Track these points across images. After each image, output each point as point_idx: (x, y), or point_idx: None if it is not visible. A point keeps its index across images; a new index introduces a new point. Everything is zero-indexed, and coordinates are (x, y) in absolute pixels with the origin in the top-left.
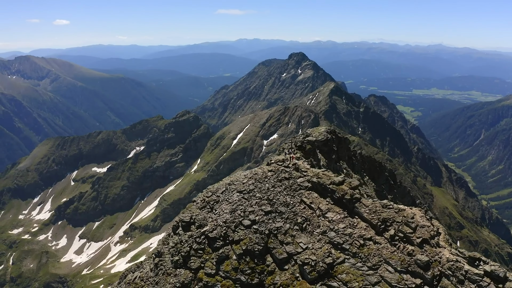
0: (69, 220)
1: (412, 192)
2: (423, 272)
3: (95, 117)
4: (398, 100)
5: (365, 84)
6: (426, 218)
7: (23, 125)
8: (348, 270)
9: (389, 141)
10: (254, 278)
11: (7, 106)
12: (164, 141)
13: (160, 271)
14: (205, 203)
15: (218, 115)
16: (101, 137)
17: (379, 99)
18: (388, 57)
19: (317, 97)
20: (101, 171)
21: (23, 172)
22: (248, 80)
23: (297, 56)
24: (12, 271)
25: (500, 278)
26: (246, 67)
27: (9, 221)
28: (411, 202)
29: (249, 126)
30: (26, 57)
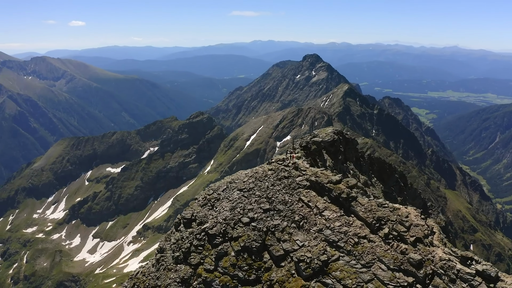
0: (82, 220)
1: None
2: (415, 270)
3: (110, 117)
4: (413, 102)
5: (380, 86)
6: (420, 217)
7: (39, 125)
8: (342, 267)
9: (403, 144)
10: (251, 274)
11: (23, 106)
12: (177, 142)
13: (161, 266)
14: (206, 201)
15: (232, 116)
16: (116, 137)
17: (394, 101)
18: (403, 59)
19: (330, 99)
20: (115, 171)
21: (38, 172)
22: (262, 82)
23: (311, 58)
24: (26, 270)
25: (491, 278)
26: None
27: (23, 220)
28: (422, 204)
29: (263, 127)
30: (42, 58)
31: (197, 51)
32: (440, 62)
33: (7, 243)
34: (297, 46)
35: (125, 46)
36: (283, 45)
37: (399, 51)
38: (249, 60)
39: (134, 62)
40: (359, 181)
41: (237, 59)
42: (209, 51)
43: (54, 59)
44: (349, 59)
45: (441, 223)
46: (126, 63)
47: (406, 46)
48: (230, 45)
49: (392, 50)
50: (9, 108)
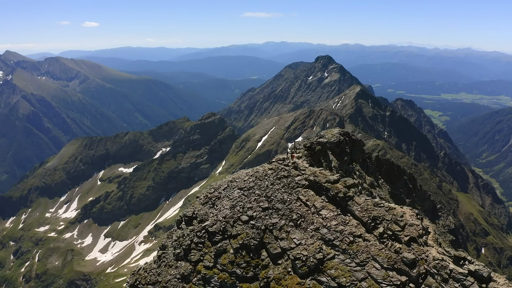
0: (94, 219)
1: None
2: (408, 269)
3: (123, 118)
4: (426, 104)
5: (393, 87)
6: (416, 217)
7: (52, 125)
8: (337, 265)
9: (415, 146)
10: (249, 271)
11: (37, 106)
12: (189, 142)
13: (162, 263)
14: (207, 199)
15: (244, 117)
16: (128, 137)
17: (406, 103)
18: (416, 61)
19: (342, 100)
20: (127, 171)
21: (50, 171)
22: (274, 83)
23: (323, 59)
24: (38, 268)
25: (483, 278)
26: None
27: (36, 219)
28: (431, 207)
29: (274, 128)
30: (55, 59)
31: (210, 52)
32: (454, 64)
33: (20, 241)
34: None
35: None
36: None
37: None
38: (262, 61)
39: (147, 63)
40: (365, 182)
41: (250, 60)
42: (222, 52)
43: (68, 60)
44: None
45: (450, 225)
46: (139, 64)
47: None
48: (243, 46)
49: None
50: (23, 108)
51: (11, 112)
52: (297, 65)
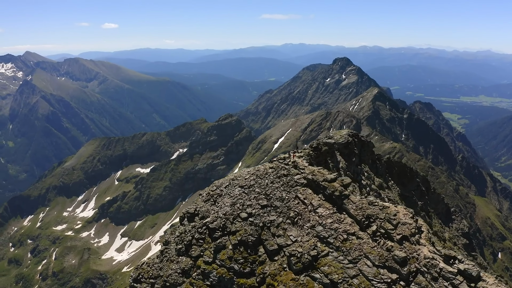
0: (111, 219)
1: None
2: (399, 267)
3: (141, 119)
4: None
5: (412, 90)
6: (409, 216)
7: (71, 125)
8: (331, 262)
9: (433, 149)
10: (246, 267)
11: (56, 106)
12: (206, 143)
13: (164, 258)
14: (209, 196)
15: (262, 119)
16: (146, 138)
17: (425, 105)
18: (435, 63)
19: (360, 103)
20: (145, 172)
21: (69, 171)
22: (292, 85)
23: (341, 61)
24: (55, 266)
25: (472, 277)
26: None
27: (53, 218)
28: (445, 210)
29: (291, 130)
30: (75, 59)
31: (228, 54)
32: (473, 66)
33: (37, 240)
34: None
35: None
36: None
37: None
38: (280, 63)
39: (166, 65)
40: (374, 184)
41: (268, 62)
42: (240, 54)
43: (87, 61)
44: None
45: (464, 229)
46: (158, 65)
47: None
48: (261, 48)
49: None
50: (42, 108)
51: (30, 112)
52: (315, 67)
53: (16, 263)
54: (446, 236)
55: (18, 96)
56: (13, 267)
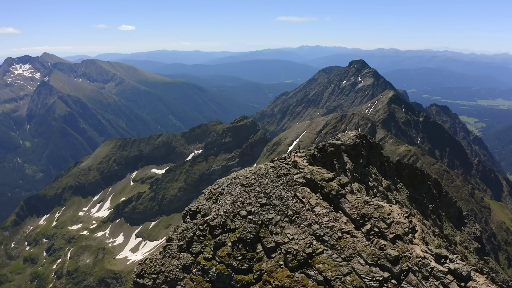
0: (126, 219)
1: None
2: (391, 266)
3: (157, 120)
4: (461, 110)
5: (428, 93)
6: (403, 216)
7: (87, 126)
8: (325, 260)
9: (448, 152)
10: (244, 264)
11: (73, 107)
12: (221, 145)
13: (167, 254)
14: (211, 195)
15: (277, 121)
16: (161, 139)
17: (441, 108)
18: (452, 66)
19: (375, 105)
20: (160, 173)
21: (85, 171)
22: (307, 87)
23: (357, 64)
24: (69, 265)
25: (463, 277)
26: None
27: (69, 217)
28: (457, 214)
29: (306, 132)
30: (92, 61)
31: (244, 56)
32: (491, 69)
33: (53, 239)
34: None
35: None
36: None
37: (449, 58)
38: (296, 66)
39: (182, 66)
40: (381, 186)
41: (284, 64)
42: (256, 56)
43: (104, 62)
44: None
45: (476, 233)
46: (174, 67)
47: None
48: (277, 50)
49: (441, 56)
50: (59, 109)
51: (47, 112)
52: (331, 69)
53: (31, 261)
54: (457, 240)
55: (36, 97)
56: (28, 266)
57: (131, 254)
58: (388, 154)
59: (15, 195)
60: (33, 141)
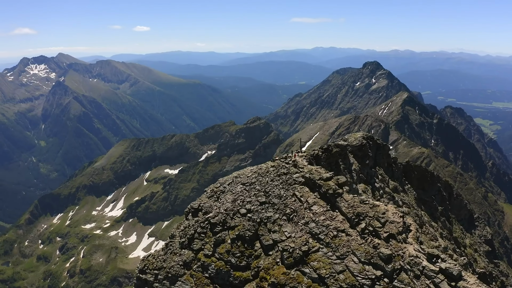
0: (139, 218)
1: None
2: (384, 264)
3: (171, 120)
4: (476, 113)
5: (443, 95)
6: (398, 215)
7: (102, 126)
8: (320, 258)
9: (462, 155)
10: (242, 260)
11: (88, 107)
12: (234, 146)
13: (169, 250)
14: (213, 193)
15: (290, 122)
16: (175, 140)
17: (456, 111)
18: (467, 68)
19: (389, 107)
20: (173, 173)
21: (99, 171)
22: (321, 89)
23: (371, 65)
24: (82, 264)
25: (453, 276)
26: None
27: (82, 216)
28: (468, 216)
29: (319, 134)
30: (107, 62)
31: (259, 57)
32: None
33: (66, 237)
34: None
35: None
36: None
37: (464, 60)
38: (310, 67)
39: (196, 67)
40: (388, 187)
41: (298, 65)
42: (270, 57)
43: (119, 63)
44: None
45: (487, 236)
46: (189, 68)
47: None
48: (292, 52)
49: (456, 58)
50: (74, 109)
51: (62, 112)
52: (345, 70)
53: (44, 259)
54: (467, 242)
55: (51, 97)
56: (41, 264)
57: (144, 253)
58: (401, 156)
59: (30, 194)
60: (48, 141)
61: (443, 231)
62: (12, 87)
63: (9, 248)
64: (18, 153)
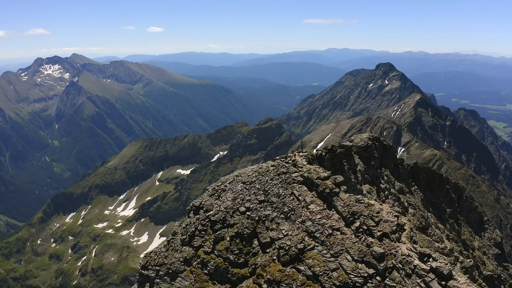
0: (151, 218)
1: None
2: (376, 263)
3: (184, 121)
4: (490, 115)
5: (457, 97)
6: (392, 214)
7: (115, 126)
8: (315, 256)
9: (475, 157)
10: (240, 258)
11: (101, 107)
12: (246, 147)
13: (170, 247)
14: (214, 191)
15: (303, 123)
16: (187, 140)
17: (469, 113)
18: (481, 70)
19: (402, 109)
20: (185, 173)
21: (111, 170)
22: (334, 90)
23: (384, 67)
24: (94, 263)
25: (444, 275)
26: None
27: (95, 216)
28: (477, 219)
29: (330, 135)
30: (120, 62)
31: (272, 58)
32: None
33: (78, 236)
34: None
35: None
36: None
37: (478, 61)
38: (324, 68)
39: (209, 68)
40: (393, 188)
41: (311, 66)
42: (283, 58)
43: (132, 63)
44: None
45: (496, 239)
46: (202, 69)
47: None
48: (305, 53)
49: (470, 60)
50: (88, 109)
51: (76, 112)
52: (358, 72)
53: (56, 258)
54: (476, 245)
55: (65, 97)
56: (53, 262)
57: None
58: (413, 158)
59: (43, 193)
60: (61, 140)
61: (450, 233)
62: (26, 87)
63: (22, 247)
64: (32, 152)
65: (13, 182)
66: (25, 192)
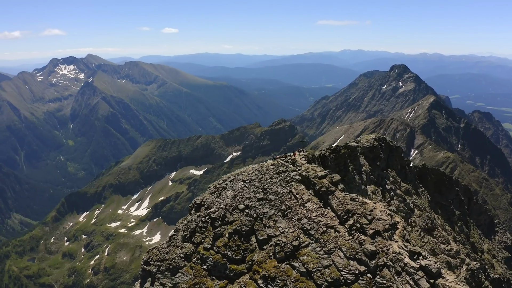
0: (164, 218)
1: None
2: (368, 260)
3: (198, 122)
4: (505, 118)
5: (472, 99)
6: (386, 213)
7: (129, 126)
8: (309, 253)
9: (489, 160)
10: (238, 254)
11: (116, 108)
12: (259, 148)
13: (172, 243)
14: (215, 189)
15: (316, 125)
16: (200, 141)
17: (484, 115)
18: (497, 72)
19: (415, 111)
20: (198, 174)
21: (125, 170)
22: (348, 91)
23: (398, 68)
24: (107, 262)
25: (432, 273)
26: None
27: (108, 215)
28: (488, 222)
29: (343, 137)
30: (135, 63)
31: (286, 60)
32: None
33: (91, 235)
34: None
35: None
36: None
37: (493, 63)
38: (338, 70)
39: (224, 69)
40: (399, 189)
41: (326, 68)
42: (297, 59)
43: (147, 64)
44: (441, 70)
45: (507, 242)
46: (216, 69)
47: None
48: (319, 54)
49: (486, 62)
50: (102, 109)
51: (91, 112)
52: (372, 73)
53: (70, 257)
54: (485, 248)
55: (79, 97)
56: (66, 261)
57: None
58: (426, 160)
59: (57, 192)
60: (76, 140)
61: (458, 235)
62: (42, 87)
63: (35, 245)
64: (47, 152)
65: (27, 181)
66: (40, 191)
